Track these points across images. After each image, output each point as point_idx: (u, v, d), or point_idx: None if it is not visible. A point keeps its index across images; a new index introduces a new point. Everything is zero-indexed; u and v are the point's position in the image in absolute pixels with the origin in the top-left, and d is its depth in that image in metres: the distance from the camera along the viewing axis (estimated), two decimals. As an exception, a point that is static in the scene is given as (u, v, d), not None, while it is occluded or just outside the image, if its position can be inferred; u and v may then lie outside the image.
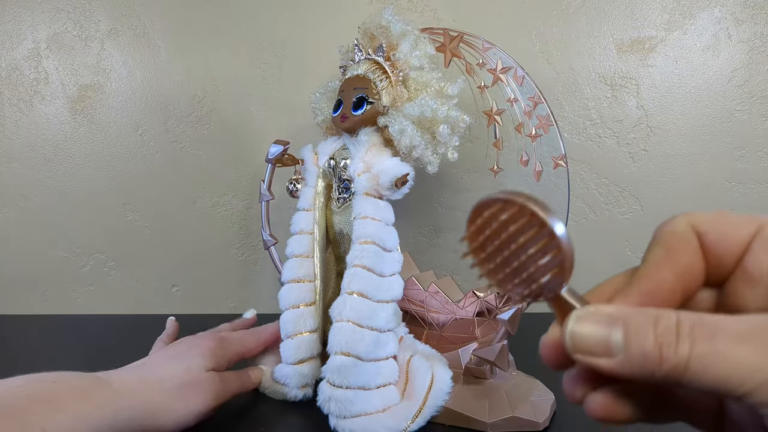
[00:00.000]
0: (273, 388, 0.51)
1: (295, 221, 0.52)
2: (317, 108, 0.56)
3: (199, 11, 0.75)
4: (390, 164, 0.47)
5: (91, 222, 0.79)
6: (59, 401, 0.34)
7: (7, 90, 0.78)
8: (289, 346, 0.49)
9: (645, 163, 0.75)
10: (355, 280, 0.45)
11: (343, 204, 0.52)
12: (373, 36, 0.52)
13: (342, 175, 0.52)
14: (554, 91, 0.74)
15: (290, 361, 0.49)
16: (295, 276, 0.50)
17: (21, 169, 0.79)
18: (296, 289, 0.50)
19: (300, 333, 0.49)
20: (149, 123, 0.77)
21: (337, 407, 0.43)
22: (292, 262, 0.51)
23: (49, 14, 0.76)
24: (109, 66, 0.77)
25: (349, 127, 0.51)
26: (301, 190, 0.53)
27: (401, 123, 0.48)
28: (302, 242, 0.51)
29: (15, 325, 0.76)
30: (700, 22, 0.73)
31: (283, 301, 0.50)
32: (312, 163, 0.53)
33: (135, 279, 0.80)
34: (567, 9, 0.73)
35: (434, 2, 0.73)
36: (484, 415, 0.45)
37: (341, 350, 0.43)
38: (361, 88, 0.49)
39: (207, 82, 0.76)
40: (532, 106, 0.55)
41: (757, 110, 0.74)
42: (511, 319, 0.47)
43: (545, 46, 0.74)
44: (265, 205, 0.60)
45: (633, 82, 0.74)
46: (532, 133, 0.55)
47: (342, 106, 0.50)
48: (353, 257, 0.46)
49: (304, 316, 0.49)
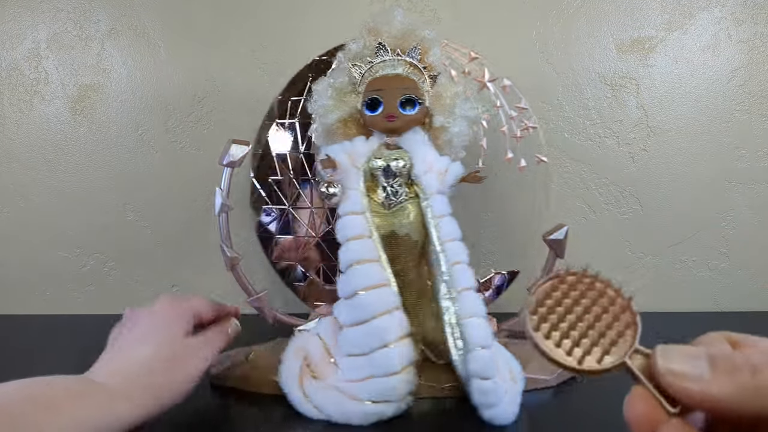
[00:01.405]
0: (371, 411, 0.45)
1: (346, 226, 0.48)
2: (326, 107, 0.53)
3: (199, 11, 0.75)
4: (452, 163, 0.51)
5: (91, 222, 0.79)
6: (55, 404, 0.34)
7: (7, 90, 0.78)
8: (393, 354, 0.45)
9: (645, 163, 0.75)
10: (462, 275, 0.47)
11: (397, 205, 0.50)
12: (403, 37, 0.52)
13: (398, 175, 0.50)
14: (554, 91, 0.74)
15: (396, 370, 0.44)
16: (373, 282, 0.46)
17: (21, 169, 0.79)
18: (381, 295, 0.46)
19: (401, 337, 0.45)
20: (149, 123, 0.77)
21: (488, 399, 0.43)
22: (365, 268, 0.47)
23: (49, 14, 0.76)
24: (109, 66, 0.77)
25: (397, 127, 0.50)
26: (346, 194, 0.49)
27: (462, 124, 0.52)
28: (367, 246, 0.47)
29: (15, 325, 0.76)
30: (700, 22, 0.73)
31: (371, 309, 0.45)
32: (349, 164, 0.50)
33: (135, 279, 0.80)
34: (567, 9, 0.73)
35: (434, 2, 0.73)
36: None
37: (482, 344, 0.44)
38: (407, 88, 0.50)
39: (207, 82, 0.76)
40: (517, 112, 0.61)
41: (757, 110, 0.74)
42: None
43: (545, 46, 0.74)
44: (224, 218, 0.55)
45: (633, 82, 0.74)
46: (517, 135, 0.61)
47: (383, 105, 0.50)
48: (451, 255, 0.47)
49: (400, 320, 0.46)
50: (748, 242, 0.76)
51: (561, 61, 0.74)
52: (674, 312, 0.76)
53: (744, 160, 0.74)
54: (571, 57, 0.74)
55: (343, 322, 0.47)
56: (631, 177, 0.75)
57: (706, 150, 0.74)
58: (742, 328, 0.74)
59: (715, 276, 0.77)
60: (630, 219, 0.76)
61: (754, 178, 0.75)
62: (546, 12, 0.73)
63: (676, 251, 0.76)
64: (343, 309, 0.47)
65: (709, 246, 0.76)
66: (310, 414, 0.46)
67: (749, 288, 0.77)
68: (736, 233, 0.76)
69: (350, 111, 0.53)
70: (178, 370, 0.42)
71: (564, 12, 0.73)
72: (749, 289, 0.77)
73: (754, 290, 0.77)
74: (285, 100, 0.67)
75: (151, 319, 0.45)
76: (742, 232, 0.76)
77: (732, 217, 0.75)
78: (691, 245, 0.76)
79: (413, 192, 0.51)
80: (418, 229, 0.50)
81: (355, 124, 0.53)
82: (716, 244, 0.76)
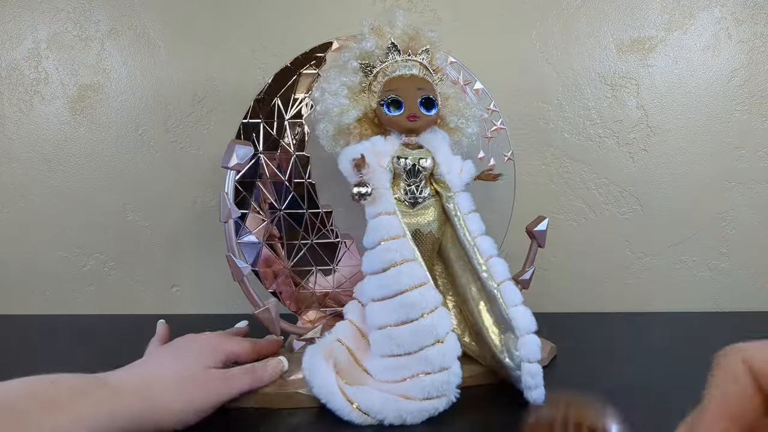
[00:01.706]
0: (427, 408, 0.45)
1: (381, 226, 0.48)
2: (344, 106, 0.52)
3: (199, 11, 0.75)
4: (465, 162, 0.54)
5: (91, 222, 0.79)
6: (58, 402, 0.34)
7: (7, 90, 0.78)
8: (446, 350, 0.46)
9: (645, 163, 0.75)
10: (500, 268, 0.50)
11: (422, 204, 0.52)
12: (413, 38, 0.53)
13: (421, 173, 0.51)
14: (554, 91, 0.74)
15: (449, 365, 0.46)
16: (418, 280, 0.47)
17: (21, 168, 0.79)
18: (426, 293, 0.47)
19: (449, 333, 0.47)
20: (149, 123, 0.77)
21: (535, 380, 0.46)
22: (408, 267, 0.47)
23: (49, 14, 0.76)
24: (109, 66, 0.77)
25: (419, 126, 0.51)
26: (376, 193, 0.49)
27: (474, 126, 0.54)
28: (405, 245, 0.48)
29: (15, 325, 0.76)
30: (700, 22, 0.73)
31: (419, 307, 0.46)
32: (376, 164, 0.50)
33: (135, 279, 0.80)
34: (567, 9, 0.73)
35: (434, 2, 0.73)
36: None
37: (530, 329, 0.47)
38: (426, 89, 0.51)
39: (207, 82, 0.76)
40: (489, 114, 0.64)
41: (757, 110, 0.74)
42: (529, 279, 0.59)
43: (545, 46, 0.74)
44: (230, 224, 0.53)
45: (633, 82, 0.74)
46: (488, 135, 0.65)
47: (403, 106, 0.50)
48: (485, 249, 0.50)
49: (447, 316, 0.48)
50: (748, 242, 0.76)
51: (561, 61, 0.74)
52: (674, 312, 0.76)
53: (744, 160, 0.74)
54: (571, 57, 0.74)
55: (384, 323, 0.47)
56: (631, 177, 0.75)
57: (706, 150, 0.74)
58: (742, 328, 0.75)
59: (715, 276, 0.77)
60: (630, 219, 0.76)
61: (754, 178, 0.75)
62: (546, 12, 0.73)
63: (676, 251, 0.76)
64: (385, 311, 0.47)
65: (709, 246, 0.76)
66: (360, 420, 0.45)
67: (749, 288, 0.77)
68: (736, 233, 0.76)
69: (364, 110, 0.53)
70: (184, 394, 0.41)
71: (564, 12, 0.73)
72: (749, 289, 0.77)
73: (754, 290, 0.77)
74: (270, 99, 0.64)
75: (187, 342, 0.47)
76: (742, 232, 0.76)
77: (732, 217, 0.75)
78: (691, 245, 0.76)
79: (434, 190, 0.53)
80: (439, 227, 0.53)
81: (371, 124, 0.53)
82: (716, 244, 0.76)
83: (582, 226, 0.76)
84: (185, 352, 0.46)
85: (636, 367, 0.56)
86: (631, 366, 0.57)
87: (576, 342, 0.62)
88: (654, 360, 0.58)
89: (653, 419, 0.45)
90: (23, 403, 0.33)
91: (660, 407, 0.47)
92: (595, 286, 0.78)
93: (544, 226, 0.59)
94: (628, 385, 0.52)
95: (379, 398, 0.45)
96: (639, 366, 0.57)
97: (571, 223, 0.76)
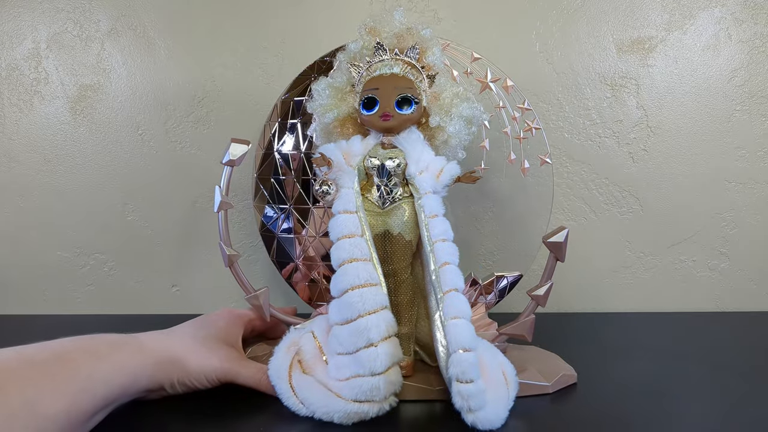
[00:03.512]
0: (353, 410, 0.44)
1: (339, 225, 0.48)
2: (325, 106, 0.54)
3: (199, 11, 0.75)
4: (447, 163, 0.51)
5: (91, 222, 0.79)
6: (99, 352, 0.41)
7: (7, 90, 0.78)
8: (378, 354, 0.44)
9: (645, 163, 0.75)
10: (450, 276, 0.46)
11: (391, 205, 0.51)
12: (401, 37, 0.52)
13: (393, 174, 0.51)
14: (554, 91, 0.74)
15: (380, 370, 0.44)
16: (362, 281, 0.46)
17: (21, 168, 0.79)
18: (368, 294, 0.46)
19: (386, 338, 0.45)
20: (149, 123, 0.77)
21: (470, 403, 0.42)
22: (355, 267, 0.47)
23: (49, 14, 0.76)
24: (109, 66, 0.77)
25: (393, 126, 0.50)
26: (340, 192, 0.50)
27: (458, 124, 0.51)
28: (359, 245, 0.47)
29: (15, 325, 0.76)
30: (700, 22, 0.73)
31: (358, 308, 0.45)
32: (344, 163, 0.50)
33: (135, 279, 0.80)
34: (567, 9, 0.73)
35: (434, 2, 0.73)
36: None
37: (464, 347, 0.42)
38: (403, 88, 0.50)
39: (207, 82, 0.76)
40: (521, 113, 0.60)
41: (757, 110, 0.74)
42: (544, 295, 0.53)
43: (545, 46, 0.74)
44: (222, 215, 0.56)
45: (633, 82, 0.74)
46: (520, 136, 0.60)
47: (378, 104, 0.50)
48: (441, 255, 0.47)
49: (387, 320, 0.46)
50: (748, 242, 0.76)
51: (561, 61, 0.74)
52: (674, 312, 0.76)
53: (744, 160, 0.74)
54: (571, 57, 0.74)
55: (333, 321, 0.47)
56: (631, 177, 0.75)
57: (706, 150, 0.74)
58: (742, 328, 0.75)
59: (715, 276, 0.77)
60: (630, 219, 0.76)
61: (754, 178, 0.75)
62: (546, 12, 0.73)
63: (676, 251, 0.76)
64: (334, 307, 0.47)
65: (709, 246, 0.76)
66: (296, 408, 0.46)
67: (750, 288, 0.77)
68: (736, 233, 0.76)
69: (348, 110, 0.53)
70: (205, 348, 0.49)
71: (564, 12, 0.73)
72: (750, 289, 0.77)
73: (755, 290, 0.77)
74: (288, 100, 0.67)
75: (209, 317, 0.54)
76: (742, 232, 0.76)
77: (732, 217, 0.75)
78: (691, 245, 0.76)
79: (408, 192, 0.51)
80: (412, 229, 0.51)
81: (353, 124, 0.54)
82: (716, 244, 0.76)
83: (582, 226, 0.76)
84: (207, 324, 0.53)
85: (636, 367, 0.56)
86: (632, 366, 0.57)
87: (575, 342, 0.62)
88: (654, 360, 0.58)
89: (653, 419, 0.45)
90: (72, 354, 0.40)
91: (660, 407, 0.47)
92: (595, 286, 0.78)
93: (562, 237, 0.53)
94: (629, 384, 0.52)
95: (316, 392, 0.46)
96: (639, 366, 0.57)
97: (571, 223, 0.76)
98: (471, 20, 0.73)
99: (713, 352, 0.61)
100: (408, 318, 0.51)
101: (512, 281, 0.61)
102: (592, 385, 0.51)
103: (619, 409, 0.47)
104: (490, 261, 0.76)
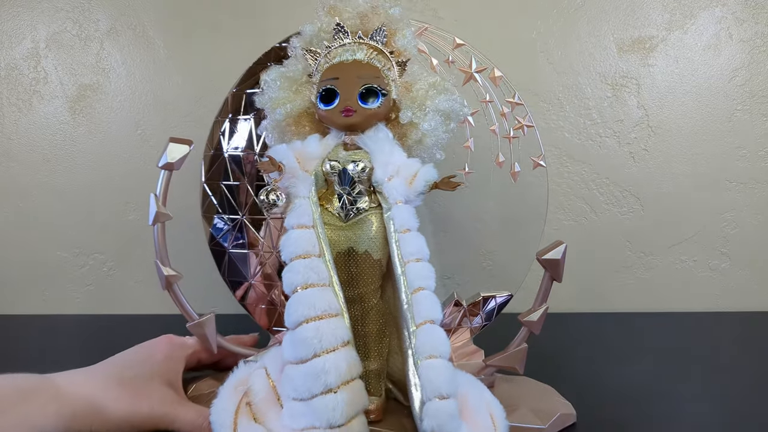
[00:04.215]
0: None
1: (291, 242, 0.40)
2: (275, 100, 0.45)
3: (198, 11, 0.75)
4: (422, 166, 0.42)
5: (91, 222, 0.79)
6: (3, 403, 0.35)
7: (7, 90, 0.78)
8: (336, 402, 0.36)
9: (646, 162, 0.75)
10: (425, 305, 0.38)
11: (356, 217, 0.43)
12: (365, 17, 0.45)
13: (357, 180, 0.43)
14: (555, 90, 0.74)
15: (339, 422, 0.36)
16: (318, 311, 0.38)
17: (20, 169, 0.79)
18: (326, 328, 0.37)
19: (347, 381, 0.37)
20: (149, 123, 0.77)
21: None
22: (310, 294, 0.38)
23: (49, 14, 0.76)
24: (108, 66, 0.77)
25: (356, 123, 0.42)
26: (293, 203, 0.41)
27: (434, 119, 0.43)
28: (316, 268, 0.39)
29: (15, 325, 0.76)
30: (701, 21, 0.73)
31: (313, 345, 0.36)
32: (298, 168, 0.42)
33: (135, 279, 0.80)
34: (567, 9, 0.73)
35: (434, 1, 0.73)
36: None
37: (441, 393, 0.35)
38: (368, 77, 0.42)
39: (207, 82, 0.76)
40: (511, 108, 0.52)
41: (757, 110, 0.73)
42: (538, 321, 0.44)
43: (545, 45, 0.73)
44: (159, 228, 0.47)
45: (634, 81, 0.74)
46: (510, 135, 0.52)
47: (338, 98, 0.42)
48: (413, 279, 0.39)
49: (348, 360, 0.37)
50: (749, 242, 0.76)
51: (561, 61, 0.74)
52: (674, 312, 0.76)
53: (745, 159, 0.74)
54: (572, 56, 0.74)
55: (286, 359, 0.38)
56: (632, 177, 0.75)
57: (707, 150, 0.74)
58: (742, 328, 0.75)
59: (716, 276, 0.77)
60: (630, 219, 0.76)
61: (755, 177, 0.75)
62: (546, 11, 0.73)
63: (676, 251, 0.76)
64: (287, 342, 0.38)
65: (710, 246, 0.76)
66: None
67: (750, 288, 0.77)
68: (737, 233, 0.76)
69: (304, 104, 0.45)
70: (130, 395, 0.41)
71: (564, 12, 0.73)
72: (750, 289, 0.77)
73: (755, 290, 0.77)
74: (240, 93, 0.57)
75: (141, 350, 0.46)
76: (743, 232, 0.76)
77: (732, 217, 0.75)
78: (691, 245, 0.76)
79: (376, 201, 0.43)
80: (381, 246, 0.42)
81: (309, 121, 0.46)
82: (717, 244, 0.76)
83: (582, 226, 0.76)
84: (140, 360, 0.45)
85: (636, 367, 0.56)
86: (631, 366, 0.57)
87: (575, 342, 0.62)
88: (654, 360, 0.58)
89: (653, 419, 0.45)
90: None
91: (660, 407, 0.47)
92: (595, 286, 0.77)
93: (559, 253, 0.44)
94: (628, 385, 0.52)
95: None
96: (639, 366, 0.57)
97: (571, 223, 0.76)
98: (471, 20, 0.73)
99: (713, 353, 0.61)
100: (377, 352, 0.43)
101: (501, 303, 0.53)
102: (592, 384, 0.51)
103: (618, 409, 0.47)
104: (487, 261, 0.75)
